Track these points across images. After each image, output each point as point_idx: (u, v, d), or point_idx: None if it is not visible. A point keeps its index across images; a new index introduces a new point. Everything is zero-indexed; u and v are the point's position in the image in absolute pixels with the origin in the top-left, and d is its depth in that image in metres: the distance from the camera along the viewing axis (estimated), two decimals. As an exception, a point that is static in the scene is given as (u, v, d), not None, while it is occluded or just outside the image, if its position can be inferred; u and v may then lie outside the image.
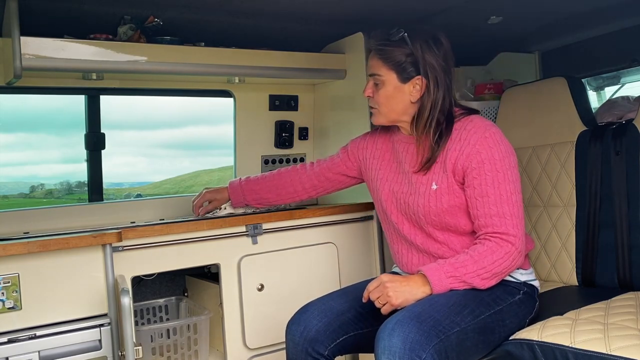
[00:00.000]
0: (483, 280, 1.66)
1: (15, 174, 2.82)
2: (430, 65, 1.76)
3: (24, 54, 1.86)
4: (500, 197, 1.69)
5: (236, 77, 2.38)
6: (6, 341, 1.70)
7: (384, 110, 1.84)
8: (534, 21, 2.70)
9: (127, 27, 2.17)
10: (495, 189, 1.69)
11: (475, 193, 1.71)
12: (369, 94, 1.85)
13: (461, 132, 1.76)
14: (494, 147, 1.72)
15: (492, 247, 1.66)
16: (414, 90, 1.79)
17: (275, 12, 2.29)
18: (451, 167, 1.75)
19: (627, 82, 3.21)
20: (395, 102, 1.82)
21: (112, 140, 2.49)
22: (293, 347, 1.74)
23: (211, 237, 2.11)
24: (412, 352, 1.45)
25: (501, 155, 1.71)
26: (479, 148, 1.71)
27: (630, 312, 1.73)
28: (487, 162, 1.70)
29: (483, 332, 1.62)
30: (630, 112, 2.33)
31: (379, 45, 1.80)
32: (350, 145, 2.12)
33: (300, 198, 2.22)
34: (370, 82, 1.85)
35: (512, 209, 1.69)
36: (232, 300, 2.15)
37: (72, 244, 1.80)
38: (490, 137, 1.73)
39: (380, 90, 1.82)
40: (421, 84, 1.78)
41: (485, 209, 1.70)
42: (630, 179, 2.06)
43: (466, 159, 1.72)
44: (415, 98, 1.80)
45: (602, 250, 2.11)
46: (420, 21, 2.49)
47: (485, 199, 1.70)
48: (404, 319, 1.51)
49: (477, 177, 1.71)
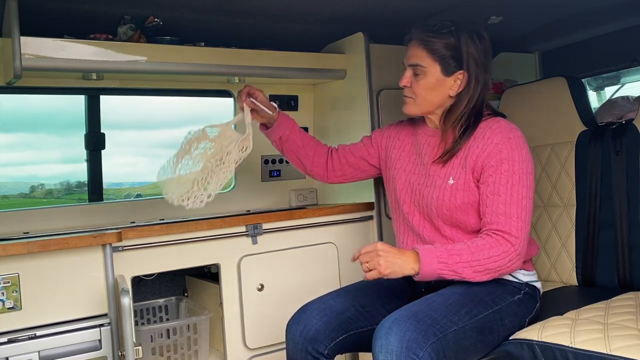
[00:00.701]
0: (475, 273, 1.65)
1: (15, 174, 2.82)
2: (474, 60, 1.78)
3: (24, 54, 1.85)
4: (511, 198, 1.69)
5: (236, 77, 2.38)
6: (6, 341, 1.70)
7: (421, 101, 1.84)
8: (534, 21, 2.70)
9: (127, 27, 2.17)
10: (508, 189, 1.70)
11: (487, 190, 1.72)
12: (407, 83, 1.84)
13: (486, 130, 1.78)
14: (516, 149, 1.73)
15: (492, 242, 1.66)
16: (455, 84, 1.80)
17: (275, 12, 2.29)
18: (472, 164, 1.76)
19: (627, 82, 3.21)
20: (434, 94, 1.82)
21: (112, 140, 2.49)
22: (293, 347, 1.74)
23: (211, 237, 2.11)
24: (409, 350, 1.45)
25: (521, 159, 1.73)
26: (501, 147, 1.73)
27: (630, 312, 1.73)
28: (506, 162, 1.72)
29: (481, 331, 1.62)
30: (630, 112, 2.33)
31: (426, 35, 1.80)
32: (374, 134, 2.13)
33: (317, 171, 2.15)
34: (408, 71, 1.84)
35: (521, 212, 1.69)
36: (232, 300, 2.15)
37: (72, 244, 1.80)
38: (514, 140, 1.74)
39: (420, 81, 1.82)
40: (462, 79, 1.79)
41: (494, 206, 1.70)
42: (630, 179, 2.06)
43: (487, 157, 1.73)
44: (454, 92, 1.81)
45: (602, 250, 2.11)
46: (421, 21, 2.49)
47: (496, 197, 1.70)
48: (401, 317, 1.52)
49: (492, 175, 1.72)
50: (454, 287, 1.73)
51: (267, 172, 2.72)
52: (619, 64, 2.92)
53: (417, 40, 1.82)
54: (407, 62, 1.84)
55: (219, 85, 2.56)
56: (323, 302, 1.80)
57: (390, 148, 2.02)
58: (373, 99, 2.46)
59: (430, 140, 1.89)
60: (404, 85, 1.85)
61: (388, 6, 2.29)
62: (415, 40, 1.82)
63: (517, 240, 1.67)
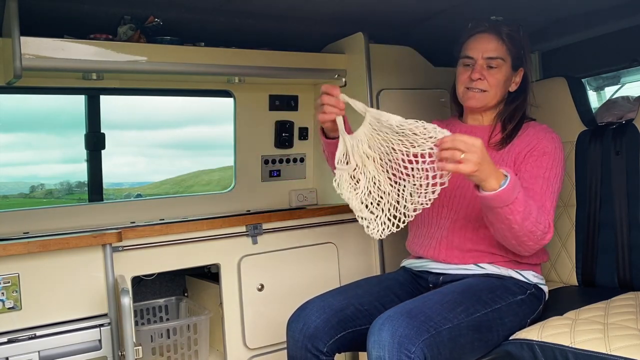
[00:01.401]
0: (529, 224, 1.59)
1: (16, 174, 2.82)
2: (529, 60, 1.92)
3: (24, 54, 1.86)
4: (548, 186, 1.74)
5: (236, 77, 2.38)
6: (6, 341, 1.70)
7: (494, 93, 1.89)
8: (534, 21, 2.70)
9: (127, 27, 2.17)
10: (546, 179, 1.75)
11: (527, 174, 1.76)
12: (480, 76, 1.87)
13: (527, 129, 1.86)
14: (558, 148, 1.81)
15: (541, 214, 1.66)
16: (516, 80, 1.91)
17: (275, 12, 2.29)
18: (513, 157, 1.81)
19: (627, 82, 3.20)
20: (503, 88, 1.90)
21: (112, 140, 2.49)
22: (293, 344, 1.74)
23: (211, 237, 2.11)
24: (401, 345, 1.45)
25: (559, 159, 1.80)
26: (545, 143, 1.80)
27: (630, 312, 1.73)
28: (549, 155, 1.78)
29: (478, 329, 1.62)
30: (630, 112, 2.32)
31: (504, 26, 1.87)
32: None
33: None
34: (481, 63, 1.86)
35: (552, 199, 1.74)
36: (232, 300, 2.15)
37: (72, 244, 1.80)
38: (556, 139, 1.83)
39: (497, 75, 1.87)
40: (520, 76, 1.91)
41: (532, 187, 1.73)
42: (630, 179, 2.06)
43: (531, 148, 1.80)
44: (513, 88, 1.92)
45: (602, 250, 2.10)
46: (420, 21, 2.49)
47: (534, 180, 1.74)
48: (394, 314, 1.52)
49: (533, 163, 1.77)
50: (454, 285, 1.73)
51: (267, 172, 2.73)
52: (619, 64, 2.92)
53: (492, 33, 1.87)
54: (482, 55, 1.87)
55: (219, 85, 2.56)
56: (323, 299, 1.80)
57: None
58: (373, 99, 2.46)
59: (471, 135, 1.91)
60: (478, 78, 1.87)
61: (388, 6, 2.29)
62: (489, 33, 1.88)
63: (548, 229, 1.68)
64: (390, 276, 1.98)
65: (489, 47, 1.86)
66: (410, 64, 2.60)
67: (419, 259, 1.94)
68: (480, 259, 1.81)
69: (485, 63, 1.86)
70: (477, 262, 1.81)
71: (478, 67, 1.86)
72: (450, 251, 1.83)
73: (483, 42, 1.87)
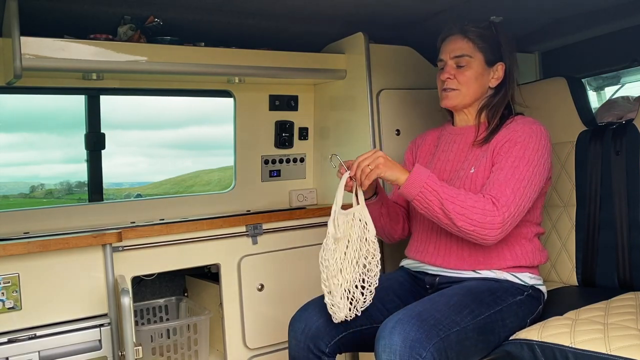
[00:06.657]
0: (454, 210, 1.62)
1: (16, 174, 2.82)
2: (510, 53, 1.89)
3: (24, 54, 1.86)
4: (513, 174, 1.70)
5: (236, 77, 2.38)
6: (6, 341, 1.70)
7: (466, 91, 1.88)
8: (534, 21, 2.70)
9: (127, 27, 2.17)
10: (513, 167, 1.72)
11: (495, 166, 1.76)
12: (450, 75, 1.88)
13: (511, 123, 1.84)
14: (534, 137, 1.77)
15: (480, 198, 1.66)
16: (495, 75, 1.89)
17: (275, 12, 2.29)
18: (492, 150, 1.80)
19: (627, 82, 3.20)
20: (477, 85, 1.89)
21: (113, 140, 2.49)
22: (295, 344, 1.74)
23: (211, 237, 2.11)
24: (413, 350, 1.45)
25: (535, 147, 1.75)
26: (520, 133, 1.78)
27: (630, 312, 1.73)
28: (520, 145, 1.75)
29: (483, 331, 1.62)
30: (630, 112, 2.32)
31: (471, 26, 1.88)
32: (407, 157, 2.12)
33: (398, 234, 2.05)
34: (451, 64, 1.88)
35: (517, 187, 1.69)
36: (232, 300, 2.15)
37: (72, 244, 1.80)
38: (536, 130, 1.78)
39: (466, 72, 1.87)
40: (501, 71, 1.89)
41: (494, 177, 1.72)
42: (630, 179, 2.05)
43: (507, 140, 1.78)
44: (494, 84, 1.90)
45: (602, 250, 2.10)
46: (421, 21, 2.49)
47: (499, 171, 1.73)
48: (404, 317, 1.52)
49: (503, 154, 1.76)
50: (456, 287, 1.73)
51: (267, 172, 2.73)
52: (619, 64, 2.92)
53: (458, 34, 1.89)
54: (449, 55, 1.89)
55: (219, 85, 2.56)
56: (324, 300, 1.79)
57: (418, 152, 2.08)
58: (373, 99, 2.46)
59: (456, 138, 1.94)
60: (447, 78, 1.89)
61: (388, 6, 2.29)
62: (456, 35, 1.89)
63: (504, 208, 1.64)
64: (390, 276, 1.98)
65: (455, 47, 1.88)
66: (410, 64, 2.60)
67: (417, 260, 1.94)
68: (477, 266, 1.80)
69: (454, 62, 1.88)
70: (475, 269, 1.81)
71: (448, 68, 1.89)
72: (448, 257, 1.83)
73: (450, 44, 1.90)
